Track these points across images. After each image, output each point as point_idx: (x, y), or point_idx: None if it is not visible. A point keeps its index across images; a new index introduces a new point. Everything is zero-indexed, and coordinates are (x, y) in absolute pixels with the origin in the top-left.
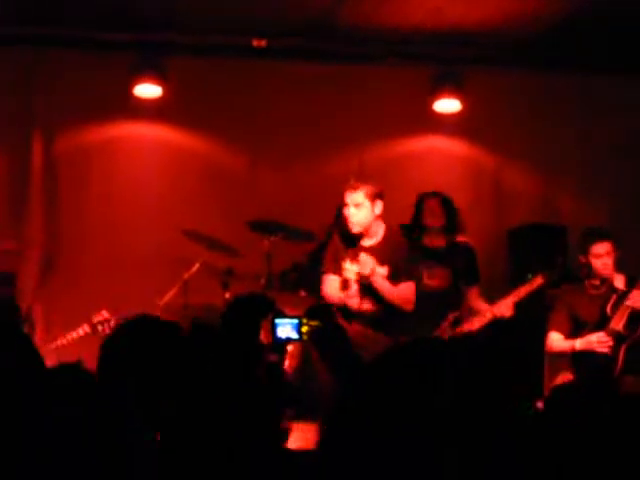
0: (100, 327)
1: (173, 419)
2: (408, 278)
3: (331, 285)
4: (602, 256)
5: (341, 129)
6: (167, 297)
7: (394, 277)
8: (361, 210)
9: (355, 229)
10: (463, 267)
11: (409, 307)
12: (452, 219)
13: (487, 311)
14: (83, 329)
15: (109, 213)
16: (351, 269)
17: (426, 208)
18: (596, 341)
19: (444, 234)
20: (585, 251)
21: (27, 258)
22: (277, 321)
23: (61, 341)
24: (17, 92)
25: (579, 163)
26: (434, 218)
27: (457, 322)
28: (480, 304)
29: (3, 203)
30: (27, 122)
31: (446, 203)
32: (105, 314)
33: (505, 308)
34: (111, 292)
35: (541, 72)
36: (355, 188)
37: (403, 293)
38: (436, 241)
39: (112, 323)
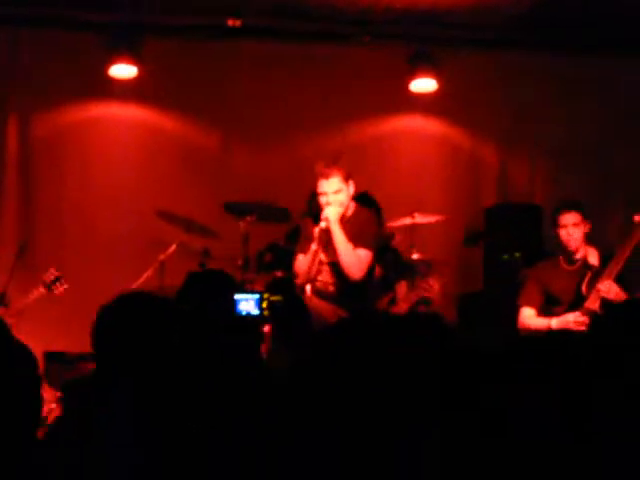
0: (53, 286)
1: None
2: (367, 247)
3: (300, 263)
4: (567, 226)
5: (316, 109)
6: (142, 278)
7: (354, 240)
8: (340, 195)
9: (324, 214)
10: (391, 263)
11: (357, 274)
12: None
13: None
14: (38, 291)
15: (85, 195)
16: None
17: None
18: (573, 321)
19: None
20: (554, 223)
21: (2, 240)
22: (238, 296)
23: (18, 305)
24: None
25: (556, 143)
26: None
27: (392, 302)
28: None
29: None
30: (1, 104)
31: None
32: (54, 272)
33: (429, 286)
34: (87, 275)
35: (517, 52)
36: (329, 175)
37: (357, 256)
38: None
39: (63, 280)
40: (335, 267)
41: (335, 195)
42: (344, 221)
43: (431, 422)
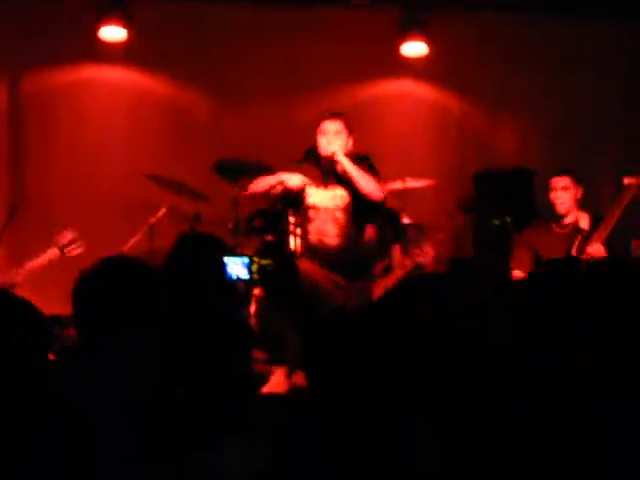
0: (67, 247)
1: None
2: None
3: (269, 179)
4: (557, 190)
5: (307, 72)
6: (132, 242)
7: None
8: (339, 137)
9: (329, 149)
10: (388, 224)
11: (379, 193)
12: None
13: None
14: (52, 252)
15: (75, 158)
16: None
17: None
18: None
19: None
20: (547, 187)
21: None
22: (227, 260)
23: (30, 265)
24: None
25: (546, 107)
26: None
27: (387, 269)
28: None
29: None
30: None
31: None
32: (70, 233)
33: (424, 252)
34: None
35: (509, 14)
36: (333, 118)
37: (371, 181)
38: None
39: (80, 242)
40: (331, 213)
41: (335, 136)
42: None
43: (430, 402)
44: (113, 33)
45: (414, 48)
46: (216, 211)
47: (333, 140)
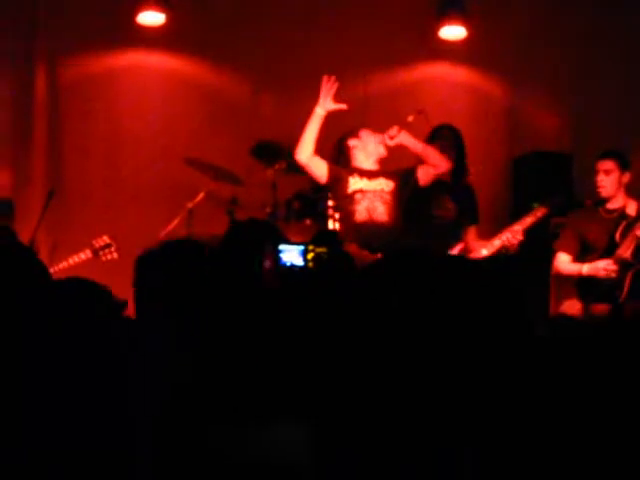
0: (102, 252)
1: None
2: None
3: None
4: (600, 172)
5: (345, 55)
6: (170, 227)
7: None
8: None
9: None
10: (466, 205)
11: (445, 165)
12: (461, 160)
13: (496, 239)
14: (85, 254)
15: (113, 143)
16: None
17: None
18: (602, 268)
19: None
20: (594, 173)
21: (30, 190)
22: (281, 247)
23: (63, 265)
24: (19, 22)
25: (590, 91)
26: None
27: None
28: (477, 243)
29: (7, 135)
30: (30, 53)
31: (457, 143)
32: (106, 239)
33: (513, 234)
34: (115, 223)
35: None
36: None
37: (436, 154)
38: (442, 176)
39: (113, 248)
40: (379, 195)
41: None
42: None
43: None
44: (151, 18)
45: (452, 31)
46: (254, 195)
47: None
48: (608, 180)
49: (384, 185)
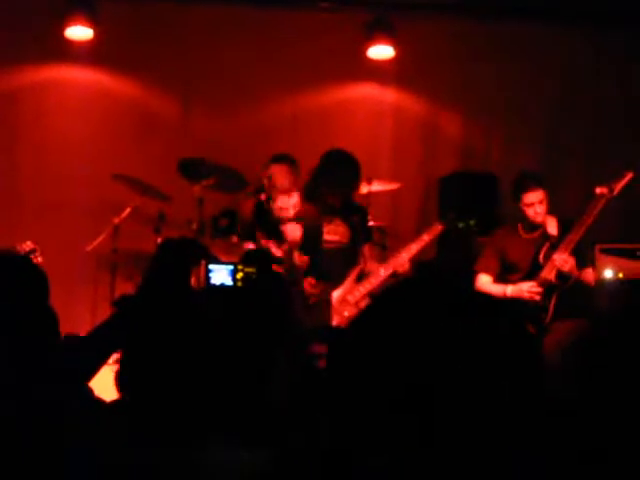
0: (30, 257)
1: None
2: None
3: None
4: (534, 204)
5: (274, 74)
6: (97, 241)
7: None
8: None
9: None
10: (358, 225)
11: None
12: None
13: (381, 268)
14: None
15: (40, 157)
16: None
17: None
18: (527, 290)
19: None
20: (517, 199)
21: None
22: (211, 267)
23: None
24: None
25: (512, 111)
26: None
27: (361, 277)
28: (372, 264)
29: None
30: None
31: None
32: (30, 244)
33: (400, 263)
34: (42, 237)
35: (475, 18)
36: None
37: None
38: (332, 199)
39: (38, 253)
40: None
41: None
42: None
43: None
44: (79, 32)
45: (380, 51)
46: (180, 212)
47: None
48: (542, 208)
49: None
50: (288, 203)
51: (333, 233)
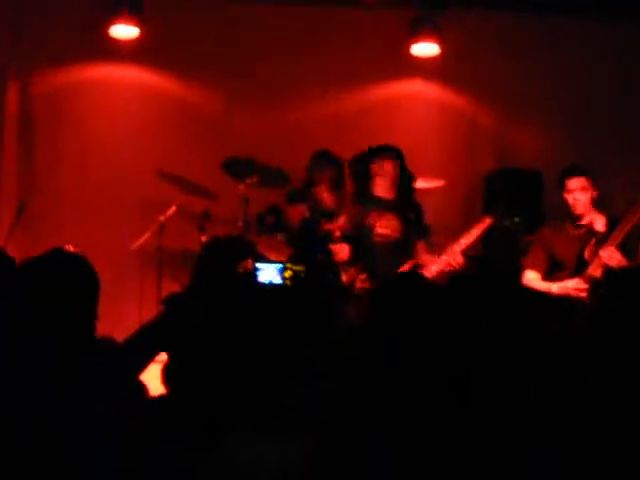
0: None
1: None
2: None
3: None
4: (573, 191)
5: (318, 71)
6: (142, 240)
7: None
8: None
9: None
10: (413, 221)
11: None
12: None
13: (443, 254)
14: None
15: (84, 155)
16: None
17: (378, 173)
18: (572, 287)
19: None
20: (561, 187)
21: (2, 200)
22: (259, 265)
23: None
24: None
25: (558, 107)
26: (386, 190)
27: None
28: (428, 259)
29: None
30: (2, 65)
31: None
32: (71, 247)
33: (452, 258)
34: (86, 235)
35: (520, 14)
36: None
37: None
38: (387, 194)
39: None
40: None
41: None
42: None
43: None
44: (125, 31)
45: (425, 48)
46: (225, 209)
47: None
48: (583, 197)
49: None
50: (334, 224)
51: (385, 227)
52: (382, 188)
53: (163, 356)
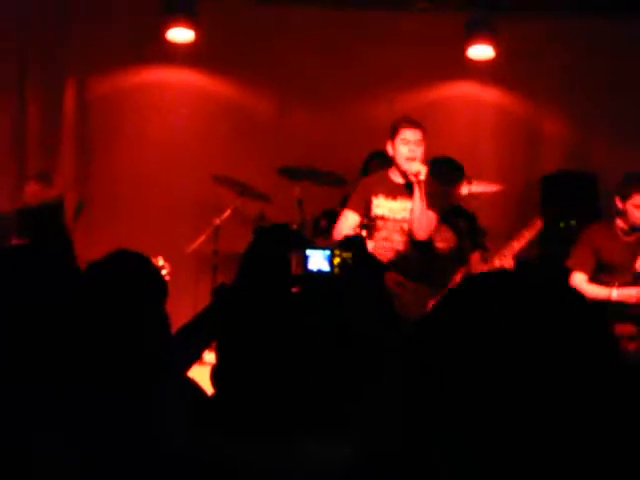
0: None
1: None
2: (435, 209)
3: (347, 220)
4: None
5: (372, 75)
6: (197, 243)
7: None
8: (419, 149)
9: (415, 167)
10: (466, 231)
11: (425, 234)
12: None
13: (495, 258)
14: None
15: (141, 159)
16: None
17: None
18: (636, 296)
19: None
20: (626, 197)
21: None
22: (308, 252)
23: None
24: (50, 37)
25: (614, 110)
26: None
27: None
28: (480, 267)
29: (36, 149)
30: (60, 68)
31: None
32: (160, 261)
33: (503, 262)
34: (142, 238)
35: (576, 17)
36: (415, 126)
37: (429, 217)
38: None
39: (167, 271)
40: (399, 224)
41: (416, 147)
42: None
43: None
44: (181, 35)
45: (480, 51)
46: (280, 212)
47: (414, 150)
48: None
49: (408, 212)
50: None
51: (439, 239)
52: None
53: (212, 357)
